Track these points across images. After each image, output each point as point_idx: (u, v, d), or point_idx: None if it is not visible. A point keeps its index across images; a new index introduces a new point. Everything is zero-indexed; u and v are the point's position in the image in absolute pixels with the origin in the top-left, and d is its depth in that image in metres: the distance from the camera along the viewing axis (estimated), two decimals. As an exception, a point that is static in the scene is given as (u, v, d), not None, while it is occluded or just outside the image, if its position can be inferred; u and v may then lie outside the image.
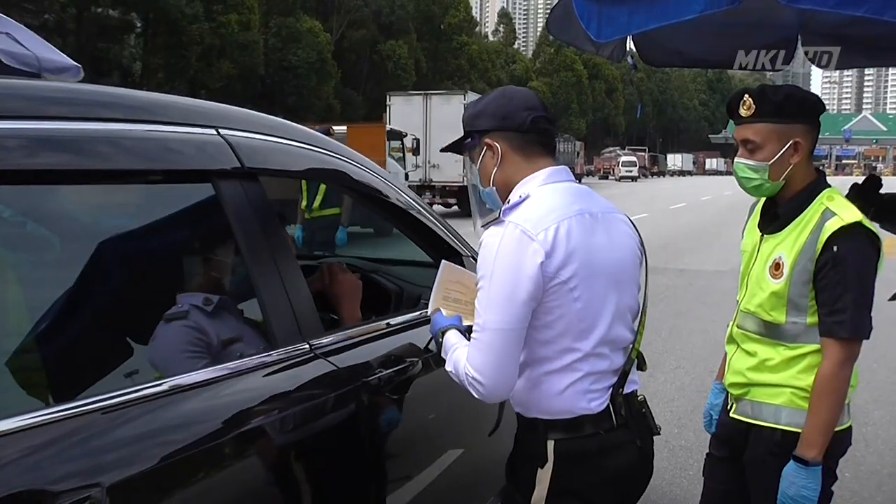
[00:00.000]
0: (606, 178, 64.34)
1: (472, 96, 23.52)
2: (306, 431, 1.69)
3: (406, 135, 20.79)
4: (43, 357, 1.45)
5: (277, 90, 44.86)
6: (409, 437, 2.14)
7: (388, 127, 20.16)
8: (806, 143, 2.12)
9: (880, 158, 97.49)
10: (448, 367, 1.73)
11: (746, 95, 2.14)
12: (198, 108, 1.78)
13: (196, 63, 38.89)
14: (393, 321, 2.23)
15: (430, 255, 2.59)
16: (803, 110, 2.12)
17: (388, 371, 1.94)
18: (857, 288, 2.02)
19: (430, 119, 22.96)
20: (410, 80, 52.92)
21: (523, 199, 1.71)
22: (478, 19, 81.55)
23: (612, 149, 75.20)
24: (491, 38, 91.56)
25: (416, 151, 21.27)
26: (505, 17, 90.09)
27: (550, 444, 1.74)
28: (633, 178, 61.26)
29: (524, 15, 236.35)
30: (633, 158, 64.52)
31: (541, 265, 1.61)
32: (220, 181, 1.69)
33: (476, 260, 2.61)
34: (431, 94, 24.35)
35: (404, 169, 20.17)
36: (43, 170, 1.36)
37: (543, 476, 1.74)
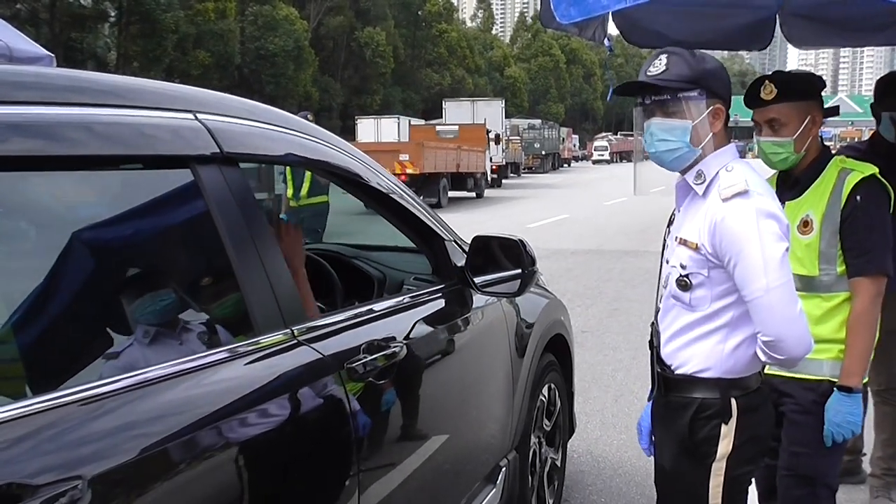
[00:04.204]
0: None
1: (496, 103, 33.92)
2: (290, 419, 1.67)
3: (490, 131, 27.82)
4: (18, 348, 1.42)
5: (255, 78, 44.56)
6: (394, 423, 2.13)
7: (487, 126, 27.66)
8: (819, 116, 2.42)
9: (856, 140, 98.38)
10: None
11: (767, 81, 2.37)
12: (174, 92, 1.74)
13: (172, 52, 38.52)
14: (376, 307, 2.21)
15: (411, 239, 2.57)
16: (815, 89, 2.42)
17: (372, 357, 1.92)
18: (880, 230, 2.35)
19: (475, 118, 30.73)
20: (388, 67, 52.72)
21: (731, 171, 1.89)
22: (455, 4, 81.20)
23: (604, 134, 75.27)
24: (469, 23, 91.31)
25: (497, 142, 28.86)
26: (483, 1, 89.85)
27: (734, 402, 1.92)
28: (607, 161, 62.82)
29: None
30: (605, 143, 66.02)
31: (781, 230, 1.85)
32: (198, 167, 1.66)
33: (458, 244, 2.61)
34: (477, 100, 34.05)
35: (489, 153, 27.05)
36: (13, 156, 1.32)
37: (728, 431, 1.92)
